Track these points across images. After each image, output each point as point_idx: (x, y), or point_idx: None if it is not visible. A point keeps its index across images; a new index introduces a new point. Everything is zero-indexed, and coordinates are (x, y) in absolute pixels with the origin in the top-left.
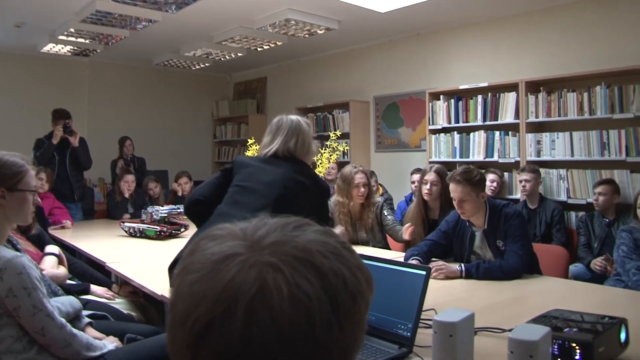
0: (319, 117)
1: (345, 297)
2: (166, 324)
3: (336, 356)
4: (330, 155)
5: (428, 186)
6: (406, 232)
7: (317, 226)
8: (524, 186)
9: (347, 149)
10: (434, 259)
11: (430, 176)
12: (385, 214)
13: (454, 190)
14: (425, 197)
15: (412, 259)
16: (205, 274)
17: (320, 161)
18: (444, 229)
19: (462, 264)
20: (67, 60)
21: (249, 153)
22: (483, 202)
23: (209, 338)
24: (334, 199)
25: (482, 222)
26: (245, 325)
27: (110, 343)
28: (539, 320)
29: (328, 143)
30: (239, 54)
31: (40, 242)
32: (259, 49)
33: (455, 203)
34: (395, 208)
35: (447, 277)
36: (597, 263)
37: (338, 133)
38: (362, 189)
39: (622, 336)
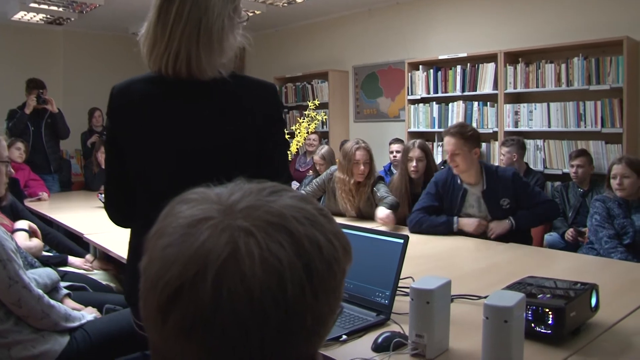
0: (298, 87)
1: (320, 264)
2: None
3: (310, 323)
4: (308, 125)
5: (414, 163)
6: (381, 219)
7: (294, 192)
8: (509, 158)
9: (325, 119)
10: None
11: (415, 152)
12: (376, 189)
13: (448, 143)
14: (413, 175)
15: (454, 220)
16: (177, 237)
17: (298, 131)
18: (432, 191)
19: (511, 217)
20: (40, 30)
21: None
22: (476, 159)
23: (179, 302)
24: (335, 175)
25: (474, 180)
26: (215, 290)
27: (89, 314)
28: (513, 287)
29: (306, 112)
30: (239, 32)
31: (13, 213)
32: None
33: (448, 157)
34: None
35: (498, 235)
36: (568, 233)
37: (316, 102)
38: (362, 167)
39: (593, 301)
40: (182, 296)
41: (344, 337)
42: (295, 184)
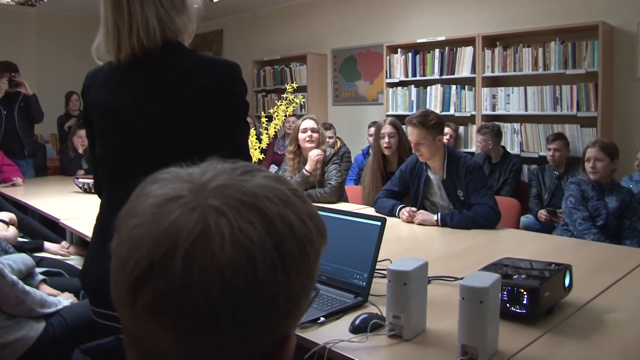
0: (276, 70)
1: (292, 244)
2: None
3: (283, 303)
4: (286, 108)
5: (386, 139)
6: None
7: (268, 172)
8: (484, 145)
9: (304, 102)
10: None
11: (387, 129)
12: (329, 167)
13: (411, 133)
14: (386, 152)
15: (398, 207)
16: (147, 217)
17: (276, 114)
18: (398, 175)
19: (439, 213)
20: (11, 11)
21: None
22: (440, 146)
23: (148, 281)
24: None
25: (439, 168)
26: (185, 269)
27: (65, 299)
28: (489, 268)
29: (285, 95)
30: (195, 5)
31: None
32: (215, 0)
33: (412, 146)
34: (352, 161)
35: (421, 223)
36: (542, 214)
37: (294, 85)
38: (310, 133)
39: (567, 281)
40: (151, 275)
41: (322, 319)
42: (273, 168)
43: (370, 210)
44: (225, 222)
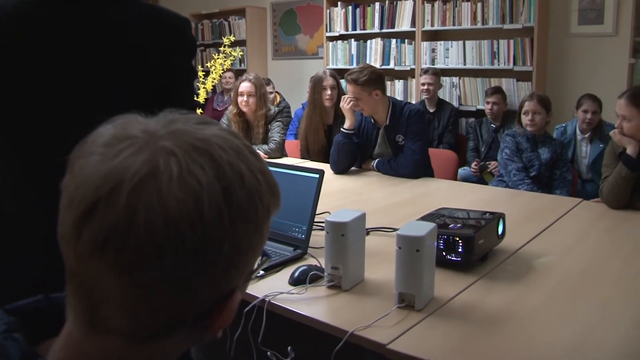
0: (215, 24)
1: (240, 192)
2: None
3: (228, 252)
4: (223, 62)
5: (329, 92)
6: None
7: (224, 127)
8: (427, 89)
9: (242, 55)
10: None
11: (329, 81)
12: (273, 124)
13: (348, 89)
14: (327, 104)
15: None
16: (97, 155)
17: (213, 67)
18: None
19: (376, 160)
20: None
21: None
22: (379, 99)
23: (94, 217)
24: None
25: (383, 120)
26: (130, 205)
27: None
28: (427, 218)
29: (222, 49)
30: None
31: None
32: None
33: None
34: (292, 116)
35: (357, 106)
36: (473, 166)
37: (232, 38)
38: (245, 97)
39: (500, 229)
40: (97, 211)
41: (261, 272)
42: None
43: (310, 164)
44: (174, 162)
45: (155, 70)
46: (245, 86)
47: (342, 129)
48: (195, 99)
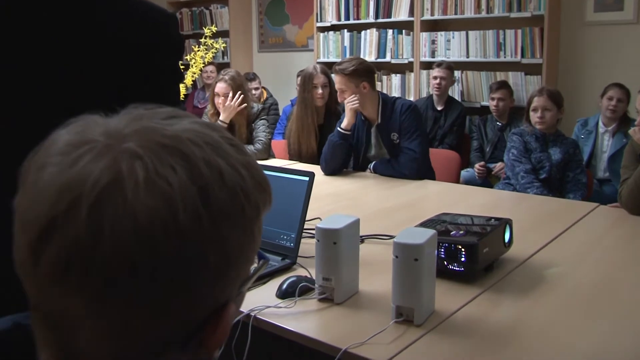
0: (194, 13)
1: (220, 192)
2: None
3: (213, 259)
4: (204, 54)
5: (320, 90)
6: None
7: (198, 119)
8: (438, 84)
9: (225, 47)
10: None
11: (320, 79)
12: (257, 123)
13: (335, 80)
14: (319, 103)
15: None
16: (51, 167)
17: (193, 61)
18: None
19: (372, 162)
20: None
21: None
22: (367, 93)
23: (51, 238)
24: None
25: (374, 116)
26: (92, 219)
27: None
28: (426, 224)
29: (203, 40)
30: None
31: None
32: None
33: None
34: (280, 113)
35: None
36: (477, 168)
37: (214, 29)
38: (222, 99)
39: (506, 237)
40: (54, 230)
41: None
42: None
43: (300, 166)
44: (140, 166)
45: (133, 69)
46: (220, 87)
47: (338, 129)
48: (180, 103)
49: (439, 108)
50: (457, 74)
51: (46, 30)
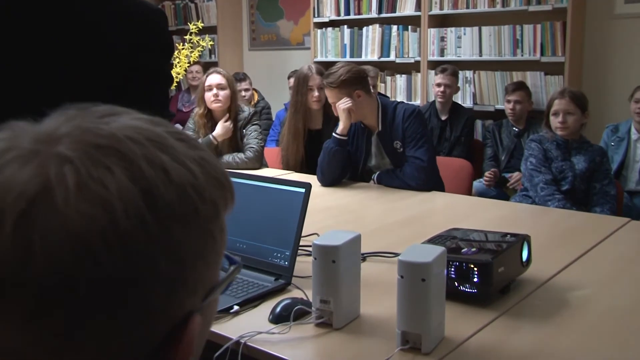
0: (178, 7)
1: (166, 191)
2: None
3: (164, 266)
4: (190, 53)
5: (316, 93)
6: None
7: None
8: (442, 92)
9: (212, 45)
10: None
11: (316, 80)
12: (249, 128)
13: (327, 95)
14: (315, 106)
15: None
16: None
17: (178, 60)
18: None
19: (376, 173)
20: None
21: None
22: (363, 100)
23: None
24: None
25: (374, 123)
26: (19, 237)
27: None
28: (435, 240)
29: (187, 37)
30: None
31: None
32: None
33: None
34: (273, 118)
35: None
36: (486, 176)
37: (200, 25)
38: (215, 91)
39: (524, 255)
40: None
41: (236, 307)
42: (177, 127)
43: (295, 176)
44: (70, 170)
45: (118, 68)
46: (214, 78)
47: (334, 134)
48: (168, 108)
49: (443, 117)
50: (469, 74)
51: (44, 30)
